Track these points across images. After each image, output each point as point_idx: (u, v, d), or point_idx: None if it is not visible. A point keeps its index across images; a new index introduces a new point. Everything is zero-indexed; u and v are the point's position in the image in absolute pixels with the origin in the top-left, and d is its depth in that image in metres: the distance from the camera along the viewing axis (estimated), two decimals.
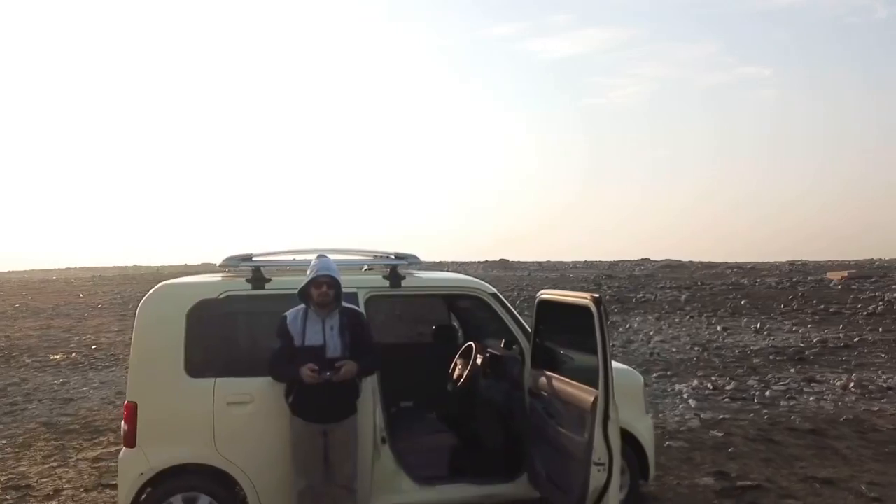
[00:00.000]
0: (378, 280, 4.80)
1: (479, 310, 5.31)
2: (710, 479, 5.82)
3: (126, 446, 4.32)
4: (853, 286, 21.33)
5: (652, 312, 17.75)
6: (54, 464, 6.87)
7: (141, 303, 4.59)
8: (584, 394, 4.00)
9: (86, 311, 22.83)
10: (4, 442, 7.72)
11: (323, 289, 4.18)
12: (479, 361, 5.08)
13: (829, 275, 24.61)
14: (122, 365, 12.83)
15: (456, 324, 6.24)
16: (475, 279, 5.41)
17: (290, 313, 4.27)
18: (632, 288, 23.99)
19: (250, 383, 4.34)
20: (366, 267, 5.13)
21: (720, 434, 7.14)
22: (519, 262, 73.03)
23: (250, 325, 4.60)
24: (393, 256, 5.00)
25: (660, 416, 8.04)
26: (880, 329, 13.73)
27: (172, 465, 4.26)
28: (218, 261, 4.75)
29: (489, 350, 5.17)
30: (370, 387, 4.42)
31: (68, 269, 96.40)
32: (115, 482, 6.16)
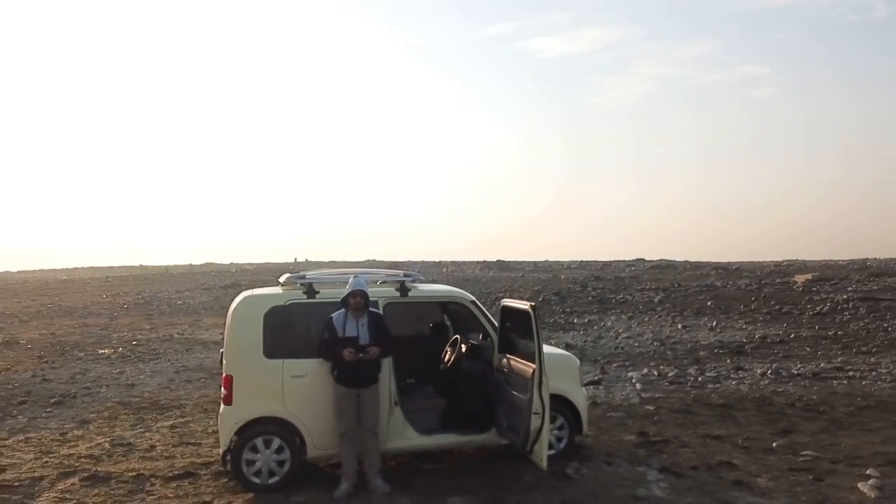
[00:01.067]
0: (392, 292, 6.91)
1: (463, 312, 7.40)
2: (633, 436, 7.93)
3: (224, 404, 6.44)
4: (813, 288, 23.47)
5: (627, 312, 19.88)
6: (141, 429, 8.96)
7: (232, 307, 6.71)
8: (527, 368, 6.10)
9: (114, 311, 24.90)
10: (94, 415, 9.82)
11: (357, 299, 6.29)
12: (462, 348, 7.20)
13: (797, 277, 26.70)
14: (165, 358, 14.96)
15: (448, 321, 8.32)
16: (459, 290, 7.53)
17: (334, 315, 6.36)
18: (614, 289, 26.10)
19: (306, 363, 6.44)
20: (381, 281, 7.22)
21: (652, 408, 9.26)
22: (515, 262, 74.93)
23: (306, 323, 6.68)
24: (402, 274, 7.14)
25: (610, 395, 10.17)
26: (817, 327, 15.87)
27: (256, 417, 6.37)
28: (220, 261, 6.95)
29: (470, 340, 7.28)
30: (387, 365, 6.52)
31: (75, 268, 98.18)
32: (194, 441, 8.31)
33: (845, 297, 20.35)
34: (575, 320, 18.56)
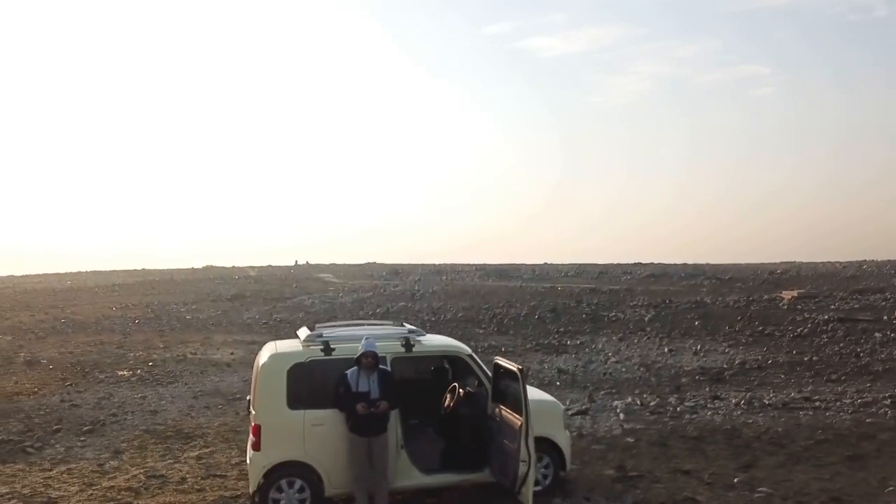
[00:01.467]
0: (398, 347, 7.86)
1: (460, 362, 8.37)
2: (612, 471, 8.91)
3: (254, 450, 7.41)
4: (798, 306, 24.46)
5: (617, 332, 20.86)
6: (170, 460, 9.94)
7: (260, 362, 7.68)
8: (516, 420, 7.08)
9: (127, 326, 25.85)
10: (125, 444, 10.80)
11: (368, 359, 7.25)
12: (460, 394, 8.17)
13: (784, 293, 27.66)
14: (182, 381, 15.91)
15: (447, 365, 9.27)
16: (457, 344, 8.50)
17: (348, 371, 7.33)
18: (608, 305, 27.08)
19: (324, 413, 7.41)
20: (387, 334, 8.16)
21: (632, 440, 10.25)
22: (514, 268, 75.64)
23: (323, 377, 7.62)
24: (406, 330, 8.12)
25: (595, 426, 11.16)
26: (794, 351, 16.86)
27: (280, 462, 7.34)
28: (220, 264, 7.96)
29: (467, 388, 8.25)
30: (394, 415, 7.49)
31: (77, 272, 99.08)
32: (220, 473, 9.29)
33: (826, 317, 21.34)
34: (567, 342, 19.54)
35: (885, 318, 20.71)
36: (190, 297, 37.15)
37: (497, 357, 8.09)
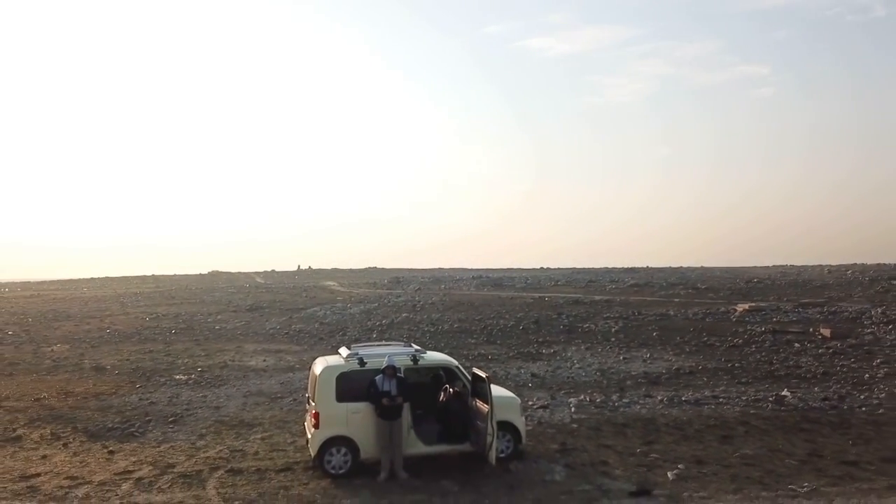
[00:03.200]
0: (408, 361, 11.75)
1: (450, 371, 12.24)
2: (556, 445, 12.78)
3: (314, 428, 11.29)
4: (746, 318, 28.37)
5: (586, 342, 24.77)
6: (242, 441, 13.77)
7: (318, 373, 11.55)
8: (485, 408, 10.97)
9: (165, 336, 29.73)
10: (205, 431, 14.63)
11: (390, 370, 11.16)
12: (450, 393, 12.06)
13: (738, 306, 31.57)
14: (230, 384, 19.75)
15: (442, 373, 13.11)
16: (448, 358, 12.40)
17: (377, 377, 11.20)
18: (584, 317, 31.01)
19: (360, 405, 11.28)
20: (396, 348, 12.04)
21: (576, 426, 14.11)
22: (509, 276, 79.35)
23: (360, 381, 11.48)
24: (413, 349, 12.05)
25: (552, 416, 15.02)
26: (723, 359, 20.76)
27: (331, 436, 11.23)
28: (224, 269, 11.88)
29: (454, 388, 12.12)
30: (406, 407, 11.37)
31: (91, 279, 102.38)
32: (281, 448, 13.12)
33: (763, 329, 25.25)
34: (543, 351, 23.47)
35: (811, 330, 24.63)
36: (212, 307, 41.05)
37: (474, 367, 12.00)
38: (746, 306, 30.76)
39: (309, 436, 11.66)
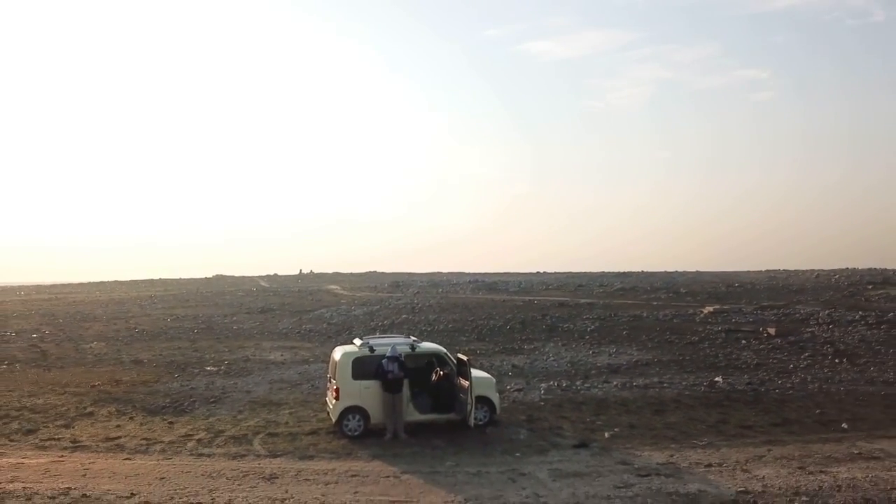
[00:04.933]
0: (407, 349, 15.15)
1: (440, 356, 15.62)
2: (524, 417, 16.15)
3: (335, 400, 14.69)
4: (708, 319, 31.74)
5: (564, 339, 28.16)
6: (273, 415, 17.09)
7: (338, 358, 14.96)
8: (466, 384, 14.35)
9: (189, 335, 33.06)
10: (242, 408, 17.96)
11: (394, 355, 14.56)
12: (440, 374, 15.46)
13: (705, 308, 34.93)
14: (255, 374, 23.08)
15: (434, 360, 16.47)
16: (439, 347, 15.82)
17: (383, 360, 14.57)
18: (566, 318, 34.36)
19: (370, 382, 14.65)
20: (402, 343, 15.44)
21: (542, 403, 17.48)
22: (504, 280, 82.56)
23: (370, 363, 14.85)
24: (412, 340, 15.48)
25: (525, 397, 18.38)
26: (678, 353, 24.14)
27: (349, 406, 14.61)
28: (227, 272, 15.41)
29: (444, 370, 15.51)
30: (406, 383, 14.75)
31: (102, 282, 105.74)
32: (306, 420, 16.48)
33: (719, 328, 28.66)
34: (525, 346, 26.88)
35: (760, 329, 28.03)
36: (225, 309, 44.41)
37: (459, 353, 15.41)
38: (711, 309, 34.11)
39: (330, 406, 15.06)
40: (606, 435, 14.21)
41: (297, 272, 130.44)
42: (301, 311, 41.95)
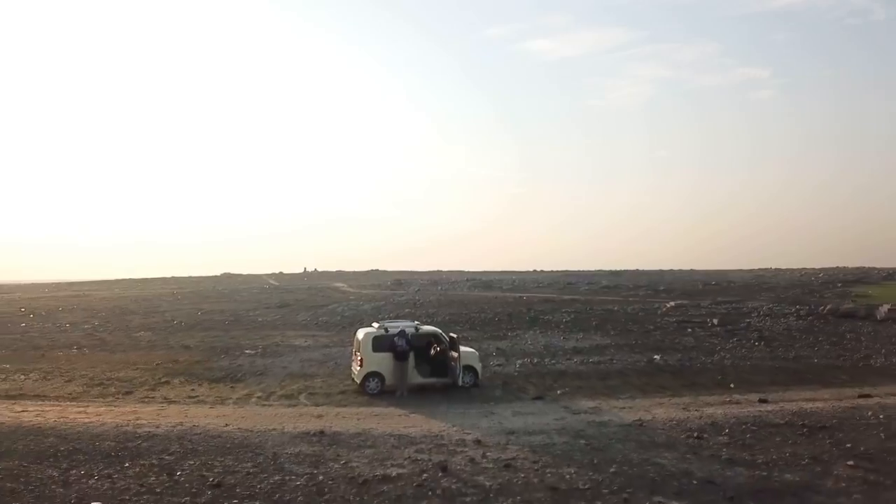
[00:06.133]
0: (413, 330, 20.38)
1: (438, 336, 20.82)
2: (501, 382, 21.34)
3: (359, 367, 19.93)
4: (669, 313, 36.93)
5: (542, 329, 33.37)
6: (308, 383, 22.26)
7: (360, 337, 20.21)
8: (455, 355, 19.59)
9: (222, 326, 38.25)
10: (282, 379, 23.11)
11: (402, 334, 19.79)
12: (437, 350, 20.68)
13: (669, 303, 40.11)
14: (287, 356, 28.21)
15: (433, 338, 21.62)
16: (437, 329, 21.06)
17: (395, 338, 19.79)
18: (547, 311, 39.58)
19: (385, 354, 19.85)
20: (409, 325, 20.65)
21: (516, 374, 22.68)
22: (498, 278, 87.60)
23: (386, 340, 20.01)
24: (416, 323, 20.77)
25: (504, 370, 23.58)
26: (633, 339, 29.31)
27: (369, 371, 19.84)
28: (235, 271, 20.48)
29: (440, 346, 20.71)
30: (411, 355, 19.95)
31: (116, 280, 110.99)
32: (336, 384, 21.70)
33: (674, 320, 33.87)
34: (509, 334, 32.12)
35: (708, 321, 33.24)
36: (246, 304, 49.63)
37: (451, 332, 20.64)
38: (673, 304, 39.32)
39: (355, 372, 20.28)
40: (558, 392, 19.42)
41: (301, 270, 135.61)
42: (315, 306, 47.17)
